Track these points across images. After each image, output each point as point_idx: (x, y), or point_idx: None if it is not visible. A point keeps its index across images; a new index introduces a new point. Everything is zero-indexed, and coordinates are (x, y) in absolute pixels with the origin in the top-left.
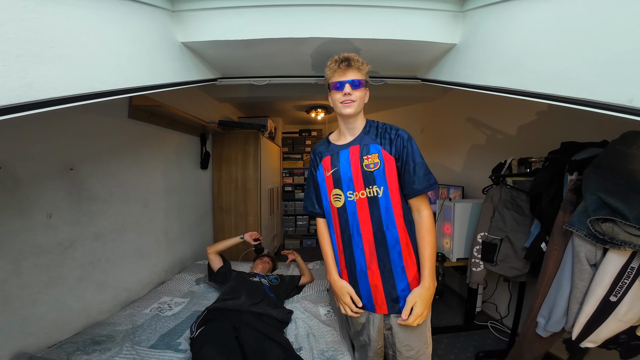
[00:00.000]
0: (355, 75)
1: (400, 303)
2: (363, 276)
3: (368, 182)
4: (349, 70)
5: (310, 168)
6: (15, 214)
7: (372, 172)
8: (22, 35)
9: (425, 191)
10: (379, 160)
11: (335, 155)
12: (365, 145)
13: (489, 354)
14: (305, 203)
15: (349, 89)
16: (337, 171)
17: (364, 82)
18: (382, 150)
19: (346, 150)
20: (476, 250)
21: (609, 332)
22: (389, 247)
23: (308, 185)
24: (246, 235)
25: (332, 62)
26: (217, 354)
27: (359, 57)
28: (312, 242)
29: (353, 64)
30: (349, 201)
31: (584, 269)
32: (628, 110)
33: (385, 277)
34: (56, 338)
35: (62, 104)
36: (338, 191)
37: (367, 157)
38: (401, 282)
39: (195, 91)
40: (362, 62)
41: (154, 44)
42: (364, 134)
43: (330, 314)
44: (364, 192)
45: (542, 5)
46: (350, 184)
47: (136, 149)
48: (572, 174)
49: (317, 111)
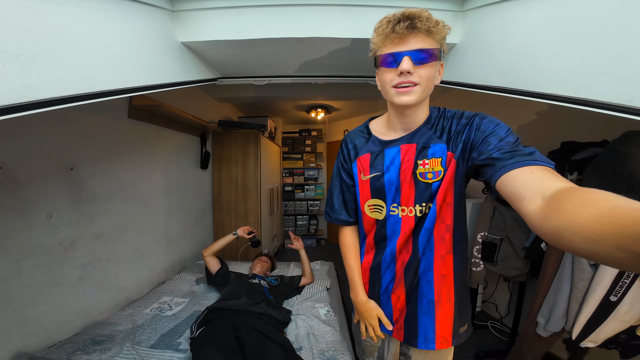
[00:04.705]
0: (422, 42)
1: (418, 338)
2: (386, 299)
3: (422, 197)
4: (411, 36)
5: (337, 162)
6: (15, 214)
7: (431, 185)
8: (22, 35)
9: (539, 161)
10: (442, 168)
11: (379, 155)
12: (424, 145)
13: (489, 354)
14: (327, 208)
15: (409, 64)
16: (380, 178)
17: (437, 52)
18: (448, 152)
19: (396, 148)
20: (476, 250)
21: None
22: (419, 273)
23: (333, 185)
24: (239, 231)
25: (385, 21)
26: (217, 354)
27: (430, 13)
28: (312, 242)
29: (419, 24)
30: (392, 216)
31: (584, 268)
32: (628, 110)
33: (410, 302)
34: (56, 338)
35: (62, 104)
36: (378, 202)
37: (423, 163)
38: (425, 316)
39: (195, 91)
40: (436, 22)
41: (154, 43)
42: (425, 129)
43: (330, 313)
44: (412, 209)
45: (542, 5)
46: (397, 196)
47: (136, 149)
48: (572, 174)
49: (317, 111)
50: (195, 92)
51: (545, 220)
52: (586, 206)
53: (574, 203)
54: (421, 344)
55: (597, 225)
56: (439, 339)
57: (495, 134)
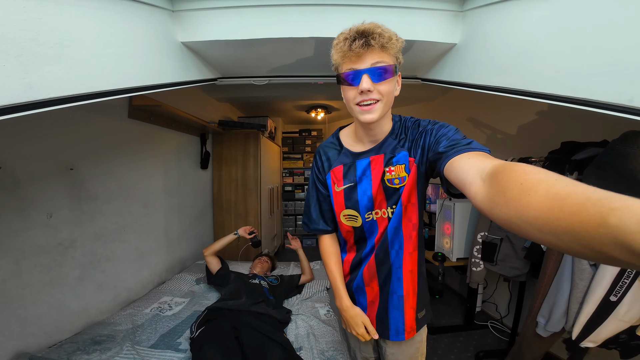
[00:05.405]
0: (379, 57)
1: (390, 331)
2: (361, 293)
3: (391, 200)
4: (367, 53)
5: (312, 173)
6: (15, 214)
7: (398, 189)
8: (22, 35)
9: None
10: (405, 173)
11: (351, 166)
12: (391, 155)
13: (489, 354)
14: (305, 219)
15: (369, 83)
16: (353, 189)
17: (392, 68)
18: (410, 158)
19: (366, 160)
20: (476, 250)
21: (609, 332)
22: (392, 270)
23: (310, 196)
24: (240, 231)
25: (341, 38)
26: (217, 354)
27: (383, 26)
28: (312, 242)
29: (374, 40)
30: (368, 221)
31: (584, 268)
32: (628, 110)
33: (382, 297)
34: (56, 338)
35: (62, 104)
36: (352, 212)
37: (390, 170)
38: (395, 310)
39: (195, 91)
40: (389, 37)
41: (154, 44)
42: (390, 139)
43: (330, 313)
44: (386, 211)
45: (542, 5)
46: (370, 204)
47: (136, 149)
48: (572, 174)
49: (317, 111)
50: (195, 92)
51: (494, 206)
52: (529, 192)
53: (515, 189)
54: (393, 336)
55: (553, 219)
56: (407, 329)
57: (444, 135)
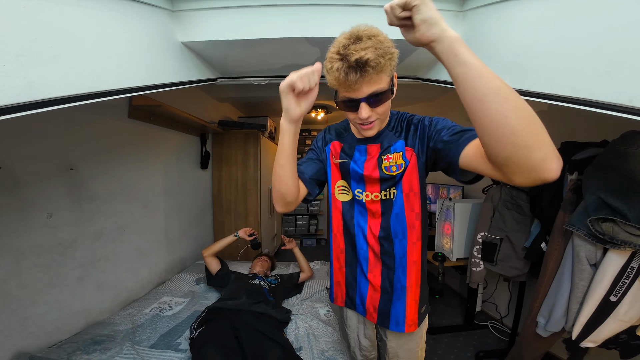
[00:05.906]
0: (376, 85)
1: (390, 321)
2: (363, 278)
3: (385, 185)
4: (364, 82)
5: (314, 143)
6: (15, 214)
7: (395, 176)
8: (22, 35)
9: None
10: (403, 161)
11: (351, 147)
12: (388, 144)
13: (489, 354)
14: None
15: (367, 111)
16: (347, 164)
17: (389, 90)
18: (407, 147)
19: (364, 146)
20: (476, 250)
21: (609, 332)
22: (396, 260)
23: (303, 158)
24: (240, 232)
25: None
26: (217, 354)
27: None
28: (312, 242)
29: (370, 68)
30: (358, 200)
31: (584, 268)
32: (628, 110)
33: (385, 286)
34: (56, 338)
35: (62, 103)
36: (345, 184)
37: (387, 158)
38: (398, 300)
39: (195, 91)
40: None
41: (154, 43)
42: (387, 131)
43: (330, 313)
44: (378, 194)
45: (542, 5)
46: (361, 183)
47: (136, 149)
48: (572, 174)
49: (317, 111)
50: (195, 92)
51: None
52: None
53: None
54: (392, 326)
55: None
56: (408, 321)
57: (444, 126)
